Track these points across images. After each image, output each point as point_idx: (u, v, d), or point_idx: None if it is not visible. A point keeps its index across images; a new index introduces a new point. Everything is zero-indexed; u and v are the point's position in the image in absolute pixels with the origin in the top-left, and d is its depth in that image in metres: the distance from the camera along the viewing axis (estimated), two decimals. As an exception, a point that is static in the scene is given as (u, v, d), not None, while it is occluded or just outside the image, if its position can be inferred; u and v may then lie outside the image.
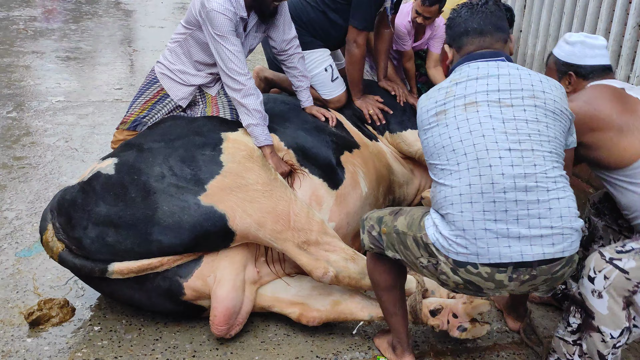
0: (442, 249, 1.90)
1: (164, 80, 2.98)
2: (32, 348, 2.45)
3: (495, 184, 1.82)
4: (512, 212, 1.81)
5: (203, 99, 3.02)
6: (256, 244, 2.55)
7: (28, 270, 2.96)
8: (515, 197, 1.81)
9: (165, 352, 2.47)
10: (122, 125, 3.02)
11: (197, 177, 2.42)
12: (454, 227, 1.86)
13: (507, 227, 1.80)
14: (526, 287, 1.90)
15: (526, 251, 1.80)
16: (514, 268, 1.82)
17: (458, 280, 1.90)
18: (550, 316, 2.80)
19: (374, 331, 2.64)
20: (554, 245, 1.81)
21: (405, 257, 2.09)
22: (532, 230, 1.80)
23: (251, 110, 2.69)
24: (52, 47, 7.37)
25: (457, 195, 1.87)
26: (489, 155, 1.85)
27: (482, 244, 1.82)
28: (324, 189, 2.80)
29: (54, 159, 4.22)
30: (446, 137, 1.94)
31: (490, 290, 1.91)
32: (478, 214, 1.82)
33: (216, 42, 2.68)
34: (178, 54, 2.94)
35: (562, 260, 1.85)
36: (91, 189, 2.40)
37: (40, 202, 3.60)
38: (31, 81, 5.98)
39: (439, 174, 1.97)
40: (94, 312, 2.70)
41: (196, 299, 2.49)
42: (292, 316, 2.57)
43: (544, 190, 1.82)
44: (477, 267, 1.84)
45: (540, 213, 1.80)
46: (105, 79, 6.20)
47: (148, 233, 2.33)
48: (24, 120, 4.95)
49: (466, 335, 2.46)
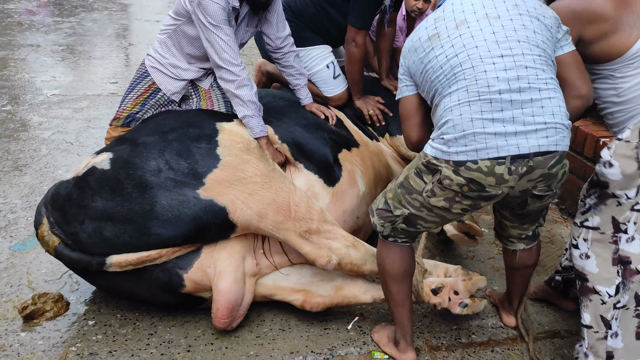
0: (443, 155, 2.00)
1: (155, 74, 2.94)
2: (26, 342, 2.44)
3: (491, 86, 1.94)
4: (508, 111, 1.93)
5: (197, 93, 3.00)
6: (254, 235, 2.55)
7: (22, 264, 2.95)
8: (510, 97, 1.93)
9: (160, 346, 2.46)
10: (115, 122, 2.98)
11: (194, 170, 2.42)
12: (454, 131, 1.97)
13: (504, 125, 1.92)
14: (525, 182, 1.98)
15: (522, 144, 1.92)
16: (511, 160, 1.93)
17: (461, 181, 1.98)
18: (545, 312, 2.80)
19: (369, 326, 2.64)
20: (547, 138, 1.93)
21: (411, 206, 2.15)
22: (527, 126, 1.92)
23: (246, 102, 2.68)
24: (48, 41, 7.34)
25: (456, 102, 1.98)
26: (483, 62, 1.97)
27: (481, 139, 1.93)
28: (319, 185, 2.79)
29: (49, 153, 4.21)
30: (443, 57, 2.05)
31: (493, 187, 1.98)
32: (476, 114, 1.94)
33: (209, 32, 2.64)
34: (168, 45, 2.90)
35: (555, 154, 1.96)
36: (86, 184, 2.39)
37: (35, 195, 3.58)
38: (26, 74, 5.95)
39: (439, 94, 2.07)
40: (89, 306, 2.69)
41: (196, 290, 2.49)
42: (296, 303, 2.58)
43: (536, 90, 1.94)
44: (476, 162, 1.94)
45: (533, 111, 1.93)
46: (100, 73, 6.17)
47: (147, 227, 2.33)
48: (19, 113, 4.93)
49: (467, 311, 2.52)
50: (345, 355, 2.47)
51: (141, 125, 2.79)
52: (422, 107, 2.26)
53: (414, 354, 2.40)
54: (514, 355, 2.52)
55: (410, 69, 2.20)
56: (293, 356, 2.45)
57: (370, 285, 2.63)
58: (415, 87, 2.23)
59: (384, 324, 2.60)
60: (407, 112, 2.29)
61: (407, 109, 2.28)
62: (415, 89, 2.24)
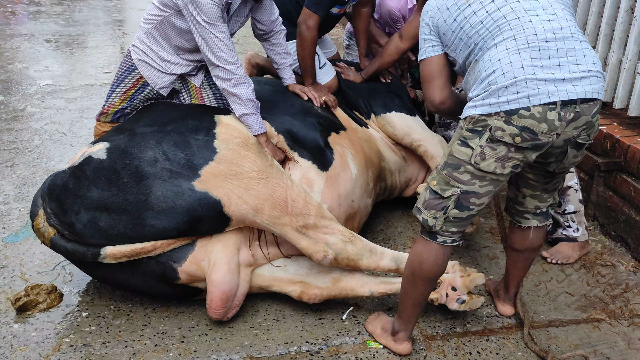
0: (492, 109, 2.02)
1: (142, 68, 2.82)
2: (19, 334, 2.43)
3: (539, 34, 2.02)
4: (555, 59, 2.00)
5: (187, 89, 2.92)
6: (249, 227, 2.54)
7: (15, 255, 2.93)
8: (555, 45, 2.01)
9: (154, 337, 2.45)
10: (103, 117, 2.88)
11: (190, 162, 2.40)
12: (503, 79, 2.00)
13: (552, 72, 1.99)
14: (571, 129, 2.04)
15: (570, 90, 1.98)
16: (561, 105, 1.98)
17: (513, 130, 1.99)
18: (541, 301, 2.80)
19: (364, 316, 2.64)
20: (591, 86, 2.01)
21: (461, 182, 2.12)
22: (573, 74, 2.00)
23: (244, 100, 2.61)
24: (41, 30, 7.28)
25: (504, 51, 2.03)
26: (528, 13, 2.06)
27: (533, 85, 1.97)
28: (313, 171, 2.78)
29: (42, 143, 4.18)
30: (483, 12, 2.10)
31: (545, 134, 2.00)
32: (526, 61, 1.99)
33: (203, 29, 2.55)
34: (155, 36, 2.77)
35: (597, 102, 2.04)
36: (82, 173, 2.38)
37: (28, 186, 3.56)
38: (19, 64, 5.91)
39: (480, 49, 2.10)
40: (82, 297, 2.68)
41: (191, 282, 2.49)
42: (293, 294, 2.58)
43: (578, 40, 2.05)
44: (529, 109, 1.97)
45: (577, 59, 2.01)
46: (94, 63, 6.13)
47: (141, 217, 2.32)
48: (12, 104, 4.89)
49: (464, 307, 2.51)
50: (340, 345, 2.47)
51: (139, 115, 2.75)
52: (447, 68, 2.28)
53: (410, 346, 2.40)
54: (509, 344, 2.52)
55: (440, 28, 2.21)
56: (287, 346, 2.45)
57: (368, 279, 2.62)
58: (442, 47, 2.25)
59: (377, 315, 2.59)
60: (431, 73, 2.29)
61: (432, 70, 2.29)
62: (441, 49, 2.25)
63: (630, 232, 3.17)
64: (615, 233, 3.29)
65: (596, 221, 3.44)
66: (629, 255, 3.18)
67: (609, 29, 3.52)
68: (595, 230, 3.40)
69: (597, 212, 3.43)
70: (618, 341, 2.55)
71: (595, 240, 3.30)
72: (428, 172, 3.44)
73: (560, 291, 2.89)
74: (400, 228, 3.41)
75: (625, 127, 3.37)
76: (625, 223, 3.20)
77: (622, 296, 2.85)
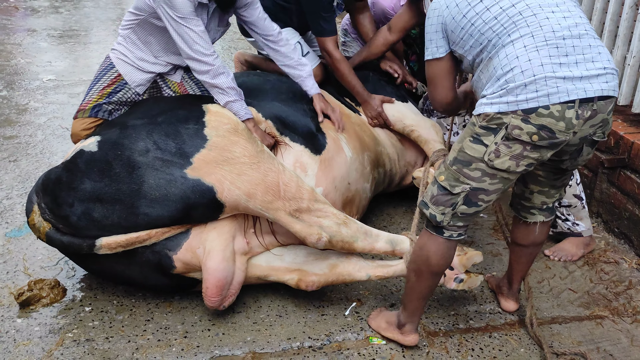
0: (509, 107, 1.99)
1: (120, 65, 2.84)
2: (22, 329, 2.43)
3: (556, 31, 2.01)
4: (572, 56, 2.00)
5: (168, 87, 2.93)
6: (244, 214, 2.54)
7: (18, 250, 2.93)
8: (572, 43, 2.01)
9: (157, 332, 2.46)
10: (80, 114, 2.83)
11: (182, 150, 2.41)
12: (522, 77, 1.98)
13: (570, 70, 1.98)
14: (588, 127, 2.03)
15: (588, 88, 1.98)
16: (579, 103, 1.97)
17: (531, 129, 1.98)
18: (544, 298, 2.80)
19: (367, 312, 2.64)
20: (607, 83, 2.01)
21: (471, 179, 2.10)
22: (590, 71, 2.00)
23: (225, 89, 2.65)
24: (44, 25, 7.28)
25: (522, 48, 2.01)
26: (544, 10, 2.05)
27: (552, 84, 1.96)
28: (307, 155, 2.80)
29: (45, 139, 4.18)
30: (497, 9, 2.08)
31: (562, 132, 1.99)
32: (545, 58, 1.98)
33: (178, 25, 2.59)
34: (133, 40, 2.82)
35: (612, 99, 2.05)
36: (75, 166, 2.39)
37: (31, 181, 3.56)
38: (22, 59, 5.91)
39: (494, 46, 2.07)
40: (85, 292, 2.68)
41: (187, 271, 2.49)
42: (291, 282, 2.58)
43: (592, 37, 2.05)
44: (548, 107, 1.96)
45: (593, 57, 2.01)
46: (97, 58, 6.12)
47: (135, 206, 2.32)
48: (15, 99, 4.90)
49: (463, 287, 2.51)
50: (343, 341, 2.47)
51: (130, 110, 2.78)
52: (453, 69, 2.26)
53: (417, 337, 2.40)
54: (512, 340, 2.51)
55: (448, 25, 2.19)
56: (290, 342, 2.45)
57: (365, 263, 2.62)
58: (447, 46, 2.23)
59: (380, 310, 2.59)
60: (439, 74, 2.28)
61: (440, 71, 2.27)
62: (446, 50, 2.24)
63: (633, 229, 3.16)
64: (618, 230, 3.28)
65: (600, 218, 3.43)
66: (632, 252, 3.17)
67: (613, 25, 3.50)
68: (598, 227, 3.39)
69: (600, 209, 3.43)
70: (621, 338, 2.55)
71: (598, 237, 3.29)
72: (426, 158, 3.42)
73: (563, 288, 2.88)
74: (404, 224, 3.41)
75: (630, 123, 3.36)
76: (629, 220, 3.19)
77: (625, 293, 2.85)
